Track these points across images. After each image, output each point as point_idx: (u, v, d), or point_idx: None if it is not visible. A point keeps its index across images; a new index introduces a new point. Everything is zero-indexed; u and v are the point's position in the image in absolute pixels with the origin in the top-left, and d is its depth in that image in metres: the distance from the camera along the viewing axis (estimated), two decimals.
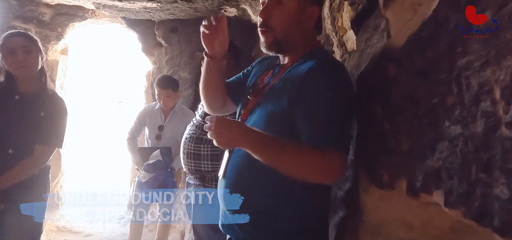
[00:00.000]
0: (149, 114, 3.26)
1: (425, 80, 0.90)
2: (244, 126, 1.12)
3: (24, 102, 1.91)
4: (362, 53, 1.52)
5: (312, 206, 1.20)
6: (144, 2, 3.45)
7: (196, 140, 2.07)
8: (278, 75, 1.25)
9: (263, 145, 1.09)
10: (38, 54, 1.94)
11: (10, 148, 1.87)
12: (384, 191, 1.14)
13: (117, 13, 4.02)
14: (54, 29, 4.19)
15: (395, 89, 1.05)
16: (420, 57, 0.93)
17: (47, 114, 1.93)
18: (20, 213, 1.90)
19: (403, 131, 0.99)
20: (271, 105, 1.17)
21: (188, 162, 2.10)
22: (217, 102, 1.47)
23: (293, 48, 1.23)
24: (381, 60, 1.14)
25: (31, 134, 1.89)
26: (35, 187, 1.98)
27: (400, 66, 1.03)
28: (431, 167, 0.85)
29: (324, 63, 1.15)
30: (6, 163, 1.85)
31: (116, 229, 4.36)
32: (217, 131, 1.09)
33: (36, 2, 3.97)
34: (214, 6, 3.58)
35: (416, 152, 0.93)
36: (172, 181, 2.94)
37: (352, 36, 1.72)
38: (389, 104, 1.09)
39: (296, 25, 1.19)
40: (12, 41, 1.87)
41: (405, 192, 1.00)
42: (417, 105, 0.92)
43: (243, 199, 1.19)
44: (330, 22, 1.94)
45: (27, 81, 1.94)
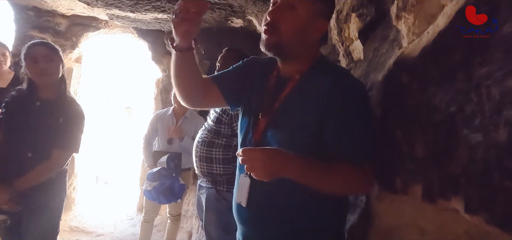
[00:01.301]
0: (161, 120, 3.25)
1: (441, 89, 0.88)
2: (284, 153, 0.99)
3: (44, 108, 1.91)
4: (370, 63, 1.50)
5: (338, 216, 1.20)
6: (155, 13, 3.44)
7: (208, 143, 2.05)
8: (287, 90, 1.14)
9: (307, 171, 1.01)
10: (59, 62, 1.94)
11: (29, 152, 1.86)
12: (397, 196, 1.12)
13: (129, 23, 4.02)
14: (69, 39, 4.19)
15: (408, 98, 1.03)
16: (435, 67, 0.91)
17: (65, 120, 1.92)
18: (38, 215, 1.89)
19: (417, 137, 0.97)
20: (291, 125, 1.09)
21: (200, 165, 2.08)
22: (195, 94, 1.27)
23: (295, 57, 1.14)
24: (394, 70, 1.12)
25: (49, 138, 1.89)
26: (52, 190, 1.97)
27: (414, 75, 1.01)
28: (449, 173, 0.83)
29: (347, 79, 1.12)
30: (25, 166, 1.85)
31: (127, 229, 4.33)
32: (261, 163, 0.96)
33: (52, 13, 3.97)
34: (221, 17, 3.58)
35: (432, 158, 0.90)
36: (178, 184, 2.91)
37: (359, 46, 1.70)
38: (402, 112, 1.07)
39: (303, 34, 1.10)
40: (35, 50, 1.87)
41: (419, 197, 0.98)
42: (433, 113, 0.90)
43: (273, 224, 1.14)
44: (336, 32, 1.93)
45: (48, 88, 1.93)
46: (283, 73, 1.19)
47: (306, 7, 1.07)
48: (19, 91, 1.98)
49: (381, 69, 1.30)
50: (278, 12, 1.09)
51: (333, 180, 1.03)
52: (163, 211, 4.15)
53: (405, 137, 1.05)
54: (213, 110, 2.16)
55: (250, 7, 3.09)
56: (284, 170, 0.98)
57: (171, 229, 3.46)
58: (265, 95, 1.19)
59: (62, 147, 1.94)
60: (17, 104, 1.92)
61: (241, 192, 1.18)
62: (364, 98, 1.09)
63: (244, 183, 1.16)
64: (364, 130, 1.06)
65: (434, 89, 0.91)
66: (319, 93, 1.05)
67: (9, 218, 1.86)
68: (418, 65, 1.00)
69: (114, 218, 4.65)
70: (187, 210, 4.05)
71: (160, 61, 4.58)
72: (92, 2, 3.30)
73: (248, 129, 1.21)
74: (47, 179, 1.92)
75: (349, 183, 1.06)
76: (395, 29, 1.27)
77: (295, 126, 1.08)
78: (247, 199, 1.15)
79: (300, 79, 1.13)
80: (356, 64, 1.77)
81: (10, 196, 1.77)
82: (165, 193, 2.82)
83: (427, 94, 0.94)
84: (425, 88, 0.95)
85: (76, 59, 4.55)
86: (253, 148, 1.03)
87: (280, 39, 1.08)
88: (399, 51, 1.15)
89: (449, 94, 0.84)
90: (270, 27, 1.09)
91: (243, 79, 1.30)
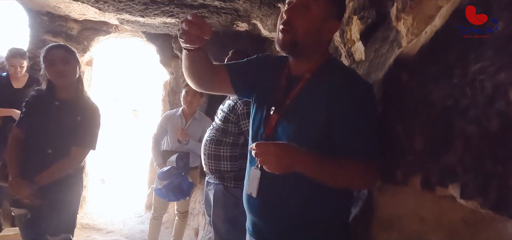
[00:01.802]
0: (170, 120, 3.30)
1: (438, 85, 0.92)
2: (296, 148, 1.02)
3: (63, 108, 1.96)
4: (371, 63, 1.54)
5: (343, 208, 1.25)
6: (164, 18, 3.49)
7: (216, 142, 2.09)
8: (298, 88, 1.18)
9: (317, 165, 1.05)
10: (76, 64, 2.00)
11: (49, 149, 1.92)
12: (397, 187, 1.16)
13: (139, 27, 4.08)
14: (81, 43, 4.25)
15: (408, 94, 1.07)
16: (433, 64, 0.96)
17: (82, 119, 1.98)
18: (56, 209, 1.95)
19: (417, 131, 1.01)
20: (301, 121, 1.13)
21: (208, 162, 2.12)
22: (205, 78, 1.31)
23: (307, 55, 1.18)
24: (394, 68, 1.17)
25: (68, 136, 1.94)
26: (70, 185, 2.03)
27: (413, 73, 1.05)
28: (446, 163, 0.86)
29: (355, 78, 1.16)
30: (45, 162, 1.90)
31: (135, 226, 4.38)
32: (273, 157, 0.99)
33: (65, 18, 4.04)
34: (227, 21, 3.63)
35: (430, 150, 0.94)
36: (187, 182, 2.96)
37: (360, 47, 1.74)
38: (402, 108, 1.11)
39: (317, 33, 1.13)
40: (53, 53, 1.93)
41: (418, 187, 1.02)
42: (431, 108, 0.94)
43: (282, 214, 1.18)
44: (339, 34, 1.97)
45: (66, 89, 1.99)
46: (295, 71, 1.23)
47: (320, 8, 1.11)
48: (39, 92, 2.04)
49: (381, 69, 1.35)
50: (294, 11, 1.12)
51: (340, 174, 1.07)
52: (171, 209, 4.19)
53: (405, 131, 1.09)
54: (221, 110, 2.21)
55: (255, 11, 3.14)
56: (295, 164, 1.01)
57: (179, 226, 3.50)
58: (276, 92, 1.23)
59: (80, 144, 2.00)
60: (37, 104, 1.98)
61: (251, 183, 1.22)
62: (371, 98, 1.13)
63: (255, 175, 1.20)
64: (370, 127, 1.09)
65: (432, 86, 0.95)
66: (328, 92, 1.08)
67: (29, 212, 1.91)
68: (417, 63, 1.04)
69: (123, 215, 4.70)
70: (194, 208, 4.09)
71: (168, 64, 4.64)
72: (103, 7, 3.35)
73: (260, 124, 1.25)
74: (66, 175, 1.98)
75: (355, 178, 1.10)
76: (395, 30, 1.31)
77: (305, 122, 1.12)
78: (257, 190, 1.19)
79: (311, 78, 1.17)
80: (358, 65, 1.81)
81: (31, 191, 1.82)
82: (174, 190, 2.87)
83: (425, 90, 0.98)
84: (424, 85, 0.99)
85: (87, 63, 4.61)
86: (267, 142, 1.06)
87: (295, 38, 1.11)
88: (399, 51, 1.19)
89: (446, 90, 0.88)
90: (287, 25, 1.12)
91: (255, 73, 1.34)
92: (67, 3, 3.42)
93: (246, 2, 2.94)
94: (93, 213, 4.63)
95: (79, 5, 3.42)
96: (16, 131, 1.96)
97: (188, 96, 3.19)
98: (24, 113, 1.97)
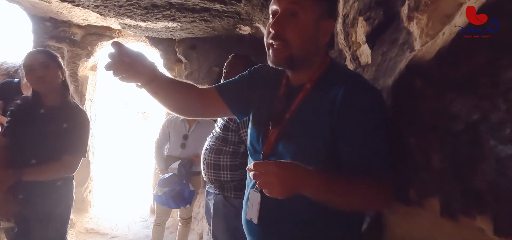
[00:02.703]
0: (173, 125, 3.16)
1: (461, 95, 0.76)
2: (301, 168, 0.86)
3: (48, 115, 1.86)
4: (379, 67, 1.39)
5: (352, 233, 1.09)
6: (165, 22, 3.37)
7: (216, 151, 1.95)
8: (298, 101, 1.03)
9: (326, 187, 0.88)
10: (57, 69, 1.87)
11: (33, 158, 1.80)
12: (410, 208, 1.00)
13: (141, 32, 3.97)
14: (84, 48, 4.15)
15: (423, 104, 0.91)
16: (453, 70, 0.80)
17: (70, 126, 1.86)
18: (45, 222, 1.83)
19: (434, 147, 0.86)
20: (303, 136, 0.98)
21: (208, 172, 1.98)
22: (190, 108, 1.22)
23: (306, 66, 1.04)
24: (406, 74, 1.01)
25: (53, 145, 1.83)
26: (59, 197, 1.91)
27: (429, 80, 0.90)
28: (472, 188, 0.71)
29: (362, 85, 1.00)
30: None
31: (140, 231, 4.26)
32: (276, 178, 0.82)
33: (68, 23, 3.95)
34: (230, 25, 3.50)
35: (451, 170, 0.79)
36: (188, 190, 2.83)
37: (366, 50, 1.59)
38: (415, 119, 0.95)
39: (311, 40, 0.99)
40: (31, 58, 1.83)
41: (436, 211, 0.87)
42: (451, 121, 0.78)
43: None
44: (343, 37, 1.81)
45: (50, 95, 1.88)
46: (294, 81, 1.09)
47: (308, 11, 0.97)
48: (24, 100, 1.93)
49: (391, 74, 1.19)
50: (281, 23, 0.98)
51: (353, 196, 0.91)
52: (175, 213, 4.07)
53: (419, 146, 0.93)
54: (221, 118, 2.07)
55: (258, 15, 3.00)
56: (301, 186, 0.85)
57: (182, 231, 3.39)
58: (275, 106, 1.08)
59: (71, 152, 1.87)
60: (22, 112, 1.87)
61: (251, 208, 1.05)
62: (381, 106, 0.97)
63: (255, 198, 1.04)
64: (382, 140, 0.94)
65: (453, 95, 0.79)
66: (333, 102, 0.93)
67: (16, 226, 1.79)
68: (433, 69, 0.88)
69: (128, 220, 4.58)
70: (198, 213, 3.96)
71: (172, 68, 4.52)
72: (104, 12, 3.24)
73: (257, 141, 1.10)
74: (53, 185, 1.87)
75: (368, 199, 0.94)
76: (406, 31, 1.15)
77: (309, 137, 0.97)
78: (258, 215, 1.03)
79: (312, 88, 1.02)
80: (363, 69, 1.65)
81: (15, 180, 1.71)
82: (175, 198, 2.74)
83: (444, 100, 0.82)
84: (442, 93, 0.83)
85: (92, 67, 4.52)
86: (267, 161, 0.89)
87: (290, 52, 0.98)
88: (411, 55, 1.03)
89: (471, 101, 0.73)
90: (277, 39, 0.98)
91: (250, 88, 1.20)
92: (69, 8, 3.32)
93: (247, 5, 2.80)
94: (98, 217, 4.53)
95: (81, 10, 3.31)
96: (1, 140, 1.84)
97: None
98: (9, 122, 1.86)
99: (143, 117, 15.60)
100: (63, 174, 1.90)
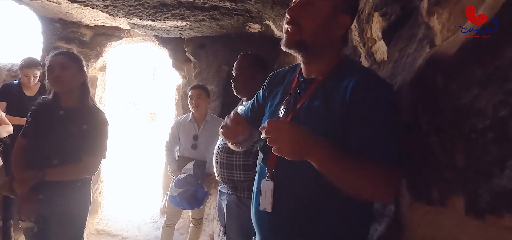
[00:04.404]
0: (182, 126, 3.18)
1: (487, 90, 0.75)
2: (313, 135, 0.91)
3: (67, 116, 1.89)
4: (396, 64, 1.38)
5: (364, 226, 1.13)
6: (174, 21, 3.39)
7: (229, 149, 1.96)
8: (310, 92, 1.09)
9: (333, 158, 0.91)
10: (75, 70, 1.90)
11: (55, 159, 1.83)
12: (432, 207, 1.00)
13: (150, 32, 3.99)
14: (93, 48, 4.20)
15: (445, 101, 0.90)
16: (478, 65, 0.79)
17: (89, 127, 1.89)
18: (63, 222, 1.87)
19: (458, 144, 0.85)
20: (315, 124, 1.02)
21: (221, 171, 1.99)
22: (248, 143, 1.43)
23: (318, 55, 1.09)
24: (426, 70, 1.00)
25: (74, 145, 1.86)
26: (78, 198, 1.95)
27: (451, 76, 0.89)
28: (500, 186, 0.70)
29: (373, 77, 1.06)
30: None
31: (151, 232, 4.30)
32: (288, 135, 0.88)
33: (77, 24, 3.99)
34: (239, 23, 3.50)
35: (477, 168, 0.78)
36: (202, 191, 2.85)
37: (382, 46, 1.57)
38: (437, 115, 0.94)
39: (325, 30, 1.05)
40: (53, 59, 1.87)
41: (460, 210, 0.85)
42: (477, 118, 0.78)
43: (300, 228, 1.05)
44: (357, 33, 1.80)
45: (68, 96, 1.91)
46: (307, 75, 1.15)
47: (325, 3, 1.04)
48: (44, 100, 1.97)
49: (410, 70, 1.18)
50: (298, 9, 1.05)
51: (359, 176, 0.93)
52: (185, 215, 4.09)
53: (442, 144, 0.92)
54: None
55: (268, 12, 2.99)
56: (310, 151, 0.89)
57: (194, 232, 3.40)
58: (288, 97, 1.15)
59: (92, 153, 1.91)
60: (42, 112, 1.90)
61: (264, 198, 1.09)
62: (391, 99, 1.01)
63: (267, 187, 1.09)
64: (390, 132, 0.97)
65: (478, 91, 0.78)
66: (344, 93, 0.98)
67: (36, 226, 1.83)
68: (456, 64, 0.87)
69: (138, 221, 4.63)
70: (208, 214, 3.98)
71: (181, 68, 4.54)
72: (113, 12, 3.27)
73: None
74: (73, 186, 1.90)
75: (374, 185, 0.94)
76: (425, 26, 1.14)
77: (319, 126, 1.01)
78: (272, 203, 1.07)
79: (324, 80, 1.07)
80: (379, 66, 1.64)
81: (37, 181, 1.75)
82: (188, 199, 2.77)
83: (468, 96, 0.81)
84: (466, 89, 0.82)
85: (101, 68, 4.57)
86: (281, 119, 0.95)
87: (301, 36, 1.05)
88: (432, 50, 1.02)
89: (498, 96, 0.72)
90: (290, 24, 1.06)
91: (266, 96, 1.31)
92: (78, 9, 3.36)
93: (257, 2, 2.80)
94: (109, 219, 4.58)
95: (90, 10, 3.35)
96: (21, 141, 1.89)
97: (192, 99, 3.05)
98: (29, 123, 1.90)
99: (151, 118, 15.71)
100: (84, 174, 1.93)
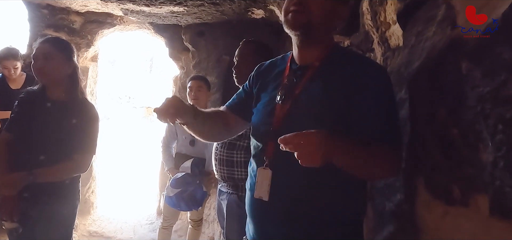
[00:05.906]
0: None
1: None
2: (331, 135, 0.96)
3: (55, 109, 1.86)
4: (412, 49, 1.34)
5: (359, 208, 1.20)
6: (171, 6, 3.36)
7: (229, 145, 1.93)
8: (307, 78, 1.15)
9: (351, 151, 1.00)
10: (62, 60, 1.86)
11: (42, 155, 1.81)
12: (452, 207, 0.96)
13: (145, 18, 3.96)
14: (84, 37, 4.18)
15: (469, 89, 0.87)
16: (507, 49, 0.75)
17: (79, 122, 1.87)
18: (50, 222, 1.85)
19: (483, 138, 0.81)
20: (315, 109, 1.09)
21: (220, 169, 1.97)
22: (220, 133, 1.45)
23: (317, 40, 1.15)
24: (448, 55, 0.96)
25: (62, 141, 1.83)
26: (65, 197, 1.93)
27: (476, 61, 0.85)
28: None
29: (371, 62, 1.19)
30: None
31: (146, 234, 4.30)
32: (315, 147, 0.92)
33: (66, 10, 3.97)
34: (241, 8, 3.45)
35: (505, 165, 0.74)
36: (201, 192, 2.82)
37: (397, 31, 1.54)
38: (460, 105, 0.91)
39: (329, 17, 1.13)
40: (38, 48, 1.83)
41: (484, 210, 0.83)
42: (503, 107, 0.74)
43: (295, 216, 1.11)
44: (370, 17, 1.76)
45: (56, 88, 1.88)
46: (300, 61, 1.20)
47: None
48: (28, 93, 1.94)
49: (428, 56, 1.14)
50: None
51: (371, 161, 1.03)
52: (183, 216, 4.09)
53: (464, 137, 0.89)
54: None
55: None
56: (332, 152, 0.96)
57: (192, 234, 3.39)
58: (282, 85, 1.20)
59: (82, 150, 1.88)
60: (28, 105, 1.87)
61: (260, 186, 1.15)
62: (390, 83, 1.11)
63: (265, 175, 1.14)
64: (394, 113, 1.08)
65: (507, 77, 0.74)
66: (344, 77, 1.07)
67: (21, 226, 1.81)
68: (483, 48, 0.83)
69: (133, 222, 4.62)
70: (208, 215, 3.97)
71: (178, 57, 4.51)
72: None
73: (264, 118, 1.21)
74: (61, 184, 1.88)
75: (384, 165, 1.05)
76: (446, 6, 1.10)
77: (321, 111, 1.08)
78: (268, 192, 1.13)
79: (321, 65, 1.15)
80: (393, 53, 1.60)
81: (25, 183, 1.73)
82: (186, 200, 2.73)
83: (495, 83, 0.78)
84: (493, 76, 0.78)
85: (92, 58, 4.54)
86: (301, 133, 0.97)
87: (309, 19, 1.09)
88: (454, 31, 0.98)
89: None
90: (300, 5, 1.08)
91: (254, 87, 1.34)
92: None
93: None
94: (102, 220, 4.59)
95: None
96: (5, 135, 1.86)
97: (192, 91, 3.01)
98: (14, 116, 1.87)
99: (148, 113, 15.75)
100: (75, 173, 1.92)
